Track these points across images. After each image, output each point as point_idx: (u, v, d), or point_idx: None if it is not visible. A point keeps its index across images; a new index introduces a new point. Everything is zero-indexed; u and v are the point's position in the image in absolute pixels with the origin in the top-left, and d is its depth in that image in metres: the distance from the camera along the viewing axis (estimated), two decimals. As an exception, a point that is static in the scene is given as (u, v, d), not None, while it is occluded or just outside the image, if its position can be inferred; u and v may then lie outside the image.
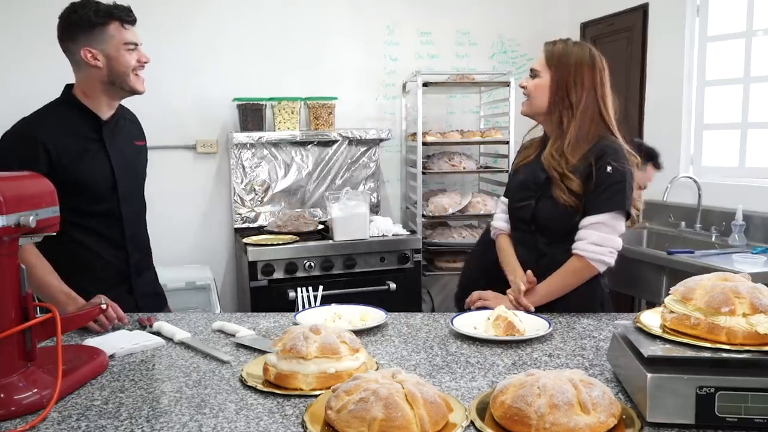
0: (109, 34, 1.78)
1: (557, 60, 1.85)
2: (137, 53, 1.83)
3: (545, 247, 1.88)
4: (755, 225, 2.98)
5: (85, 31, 1.77)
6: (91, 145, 1.85)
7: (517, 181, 1.98)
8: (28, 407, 1.15)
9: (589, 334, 1.60)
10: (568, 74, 1.83)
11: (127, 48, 1.80)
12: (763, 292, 1.10)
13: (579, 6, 4.16)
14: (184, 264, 3.63)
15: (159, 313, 1.89)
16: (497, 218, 2.07)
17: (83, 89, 1.84)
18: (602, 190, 1.78)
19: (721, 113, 3.35)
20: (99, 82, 1.82)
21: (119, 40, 1.79)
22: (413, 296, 3.49)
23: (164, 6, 3.56)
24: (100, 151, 1.86)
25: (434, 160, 3.85)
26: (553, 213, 1.84)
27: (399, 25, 4.01)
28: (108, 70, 1.80)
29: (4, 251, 1.18)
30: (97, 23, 1.76)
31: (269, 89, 3.71)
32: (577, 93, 1.82)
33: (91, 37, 1.77)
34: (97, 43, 1.78)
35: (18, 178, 1.26)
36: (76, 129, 1.83)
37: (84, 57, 1.78)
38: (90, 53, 1.78)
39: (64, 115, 1.83)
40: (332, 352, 1.25)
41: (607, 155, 1.79)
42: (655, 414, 1.05)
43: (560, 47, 1.86)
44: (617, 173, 1.78)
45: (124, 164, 1.92)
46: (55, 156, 1.76)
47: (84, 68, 1.81)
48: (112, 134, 1.90)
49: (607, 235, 1.79)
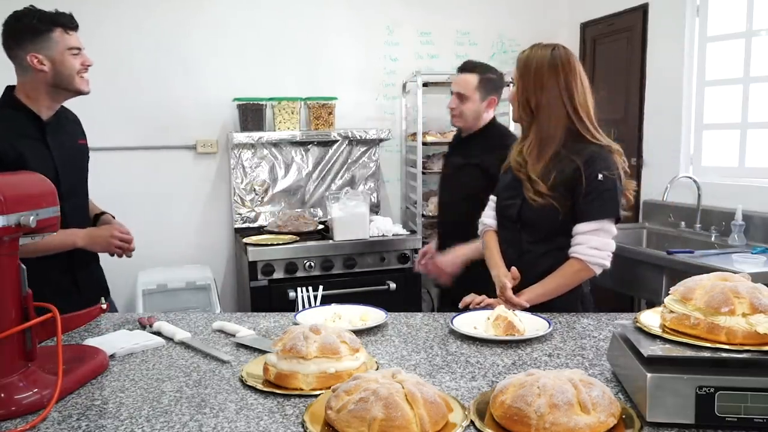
0: (54, 40, 1.87)
1: (522, 67, 1.88)
2: (81, 57, 1.92)
3: (528, 245, 1.91)
4: (755, 225, 2.98)
5: (31, 38, 1.85)
6: (34, 145, 1.90)
7: (505, 180, 2.02)
8: (29, 407, 1.15)
9: (589, 334, 1.60)
10: (529, 79, 1.85)
11: (71, 53, 1.89)
12: (763, 292, 1.10)
13: (579, 6, 4.16)
14: (184, 264, 3.64)
15: None
16: (485, 215, 2.10)
17: (26, 92, 1.91)
18: (594, 198, 1.81)
19: (721, 113, 3.34)
20: (44, 84, 1.89)
21: (63, 45, 1.88)
22: (413, 296, 3.49)
23: (165, 6, 3.56)
24: (44, 149, 1.92)
25: (434, 160, 3.85)
26: (536, 212, 1.86)
27: (399, 25, 4.01)
28: (53, 74, 1.88)
29: (4, 251, 1.18)
30: (42, 30, 1.85)
31: (269, 89, 3.71)
32: (537, 96, 1.84)
33: (37, 44, 1.86)
34: (43, 49, 1.86)
35: (18, 179, 1.26)
36: (19, 130, 1.89)
37: (30, 62, 1.86)
38: (36, 58, 1.86)
39: (6, 116, 1.90)
40: (332, 352, 1.25)
41: (596, 162, 1.81)
42: (654, 414, 1.05)
43: (526, 54, 1.89)
44: (608, 181, 1.81)
45: (66, 162, 1.98)
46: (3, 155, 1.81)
47: (30, 72, 1.88)
48: (54, 133, 1.96)
49: (604, 239, 1.83)
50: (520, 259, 1.90)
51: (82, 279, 2.03)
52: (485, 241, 2.06)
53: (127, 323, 1.74)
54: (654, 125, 3.63)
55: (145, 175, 3.64)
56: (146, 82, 3.54)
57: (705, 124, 3.42)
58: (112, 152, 3.50)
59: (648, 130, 3.66)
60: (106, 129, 3.43)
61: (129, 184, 3.59)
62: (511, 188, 1.96)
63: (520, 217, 1.92)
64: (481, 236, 2.11)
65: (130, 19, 3.49)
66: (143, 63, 3.53)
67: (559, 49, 1.86)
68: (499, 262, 1.96)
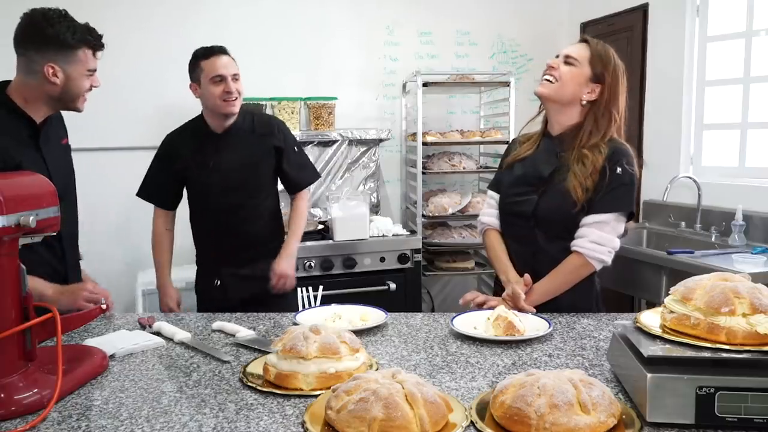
0: (78, 58, 1.79)
1: (602, 60, 1.85)
2: (92, 79, 1.86)
3: (543, 243, 1.87)
4: (755, 225, 2.98)
5: (56, 49, 1.76)
6: (28, 152, 1.82)
7: (513, 176, 1.96)
8: (29, 407, 1.16)
9: (589, 334, 1.60)
10: (613, 79, 1.85)
11: (88, 74, 1.83)
12: (763, 292, 1.10)
13: (579, 6, 4.16)
14: (184, 264, 3.63)
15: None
16: (485, 213, 2.06)
17: (24, 95, 1.81)
18: (610, 190, 1.79)
19: (721, 113, 3.34)
20: (47, 95, 1.81)
21: (84, 66, 1.81)
22: (413, 296, 3.49)
23: (165, 6, 3.55)
24: (37, 153, 1.85)
25: (434, 160, 3.85)
26: (557, 207, 1.83)
27: (399, 25, 4.01)
28: (62, 89, 1.80)
29: (4, 251, 1.18)
30: (70, 45, 1.77)
31: (269, 89, 3.71)
32: (620, 99, 1.86)
33: (60, 56, 1.77)
34: (64, 63, 1.78)
35: (18, 179, 1.26)
36: (12, 133, 1.80)
37: (45, 71, 1.76)
38: (53, 69, 1.77)
39: (1, 117, 1.80)
40: (332, 352, 1.25)
41: (618, 156, 1.81)
42: (655, 414, 1.05)
43: (602, 49, 1.87)
44: (626, 175, 1.80)
45: (57, 164, 1.91)
46: (2, 163, 1.72)
47: (37, 78, 1.78)
48: (45, 137, 1.89)
49: (607, 234, 1.79)
50: (534, 258, 1.87)
51: (71, 279, 1.96)
52: (488, 241, 2.02)
53: (127, 323, 1.75)
54: (654, 125, 3.63)
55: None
56: (146, 82, 3.54)
57: (705, 124, 3.41)
58: (112, 152, 3.50)
59: (648, 130, 3.66)
60: (107, 129, 3.43)
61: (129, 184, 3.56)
62: (523, 183, 1.91)
63: (535, 213, 1.87)
64: (482, 236, 2.08)
65: (130, 18, 3.48)
66: (143, 63, 3.53)
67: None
68: (508, 264, 1.92)
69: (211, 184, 2.38)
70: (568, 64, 1.86)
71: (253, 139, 2.43)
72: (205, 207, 2.43)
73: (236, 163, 2.38)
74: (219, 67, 2.29)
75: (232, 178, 2.37)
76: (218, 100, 2.28)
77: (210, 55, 2.31)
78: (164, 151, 2.47)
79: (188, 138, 2.43)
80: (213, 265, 2.47)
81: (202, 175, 2.38)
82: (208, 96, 2.30)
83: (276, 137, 2.48)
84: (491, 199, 2.06)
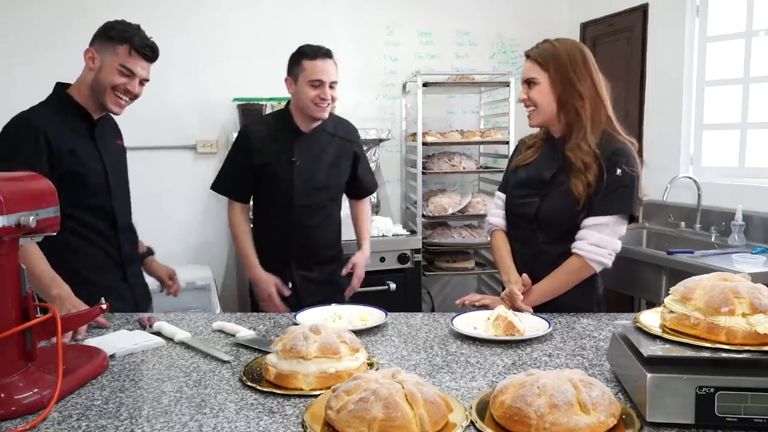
0: (115, 50, 1.88)
1: (552, 59, 1.83)
2: (127, 80, 1.90)
3: (544, 245, 1.88)
4: (755, 225, 2.98)
5: (102, 39, 1.89)
6: (84, 142, 1.92)
7: (516, 179, 1.98)
8: (29, 407, 1.15)
9: (589, 334, 1.60)
10: (567, 68, 1.82)
11: (122, 70, 1.88)
12: (763, 292, 1.10)
13: (579, 6, 4.16)
14: (184, 264, 3.63)
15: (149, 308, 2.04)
16: (492, 213, 2.07)
17: (80, 89, 1.93)
18: (610, 192, 1.78)
19: (721, 113, 3.35)
20: (88, 85, 1.90)
21: (118, 60, 1.88)
22: (413, 296, 3.49)
23: (165, 7, 3.56)
24: (93, 148, 1.94)
25: (434, 160, 3.85)
26: (559, 210, 1.83)
27: (399, 25, 4.01)
28: (95, 77, 1.89)
29: (4, 251, 1.18)
30: (114, 39, 1.88)
31: (269, 89, 3.70)
32: (581, 82, 1.82)
33: (102, 45, 1.89)
34: (102, 51, 1.88)
35: (18, 178, 1.26)
36: (70, 125, 1.90)
37: (85, 55, 1.89)
38: (91, 54, 1.89)
39: (59, 110, 1.91)
40: (332, 352, 1.25)
41: (619, 157, 1.79)
42: (655, 414, 1.05)
43: (547, 47, 1.85)
44: (626, 177, 1.78)
45: (112, 161, 2.01)
46: (56, 147, 1.83)
47: (85, 68, 1.91)
48: (102, 133, 1.99)
49: (607, 237, 1.79)
50: (535, 260, 1.88)
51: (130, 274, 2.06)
52: (494, 241, 2.03)
53: (127, 323, 1.75)
54: (654, 125, 3.63)
55: (145, 175, 3.61)
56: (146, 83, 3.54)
57: (705, 124, 3.42)
58: (112, 152, 3.50)
59: (648, 131, 3.66)
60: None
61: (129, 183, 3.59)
62: (527, 186, 1.92)
63: (537, 216, 1.88)
64: (489, 236, 2.08)
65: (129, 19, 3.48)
66: (143, 63, 3.53)
67: (573, 40, 1.88)
68: (510, 266, 1.92)
69: (296, 183, 2.33)
70: (532, 84, 1.86)
71: (336, 141, 2.41)
72: (288, 204, 2.34)
73: (323, 163, 2.36)
74: (321, 71, 2.25)
75: (318, 178, 2.35)
76: (311, 102, 2.26)
77: (315, 56, 2.27)
78: (243, 144, 2.39)
79: (272, 132, 2.37)
80: (283, 266, 2.39)
81: (287, 171, 2.32)
82: (302, 96, 2.27)
83: (356, 143, 2.49)
84: (498, 199, 2.07)
